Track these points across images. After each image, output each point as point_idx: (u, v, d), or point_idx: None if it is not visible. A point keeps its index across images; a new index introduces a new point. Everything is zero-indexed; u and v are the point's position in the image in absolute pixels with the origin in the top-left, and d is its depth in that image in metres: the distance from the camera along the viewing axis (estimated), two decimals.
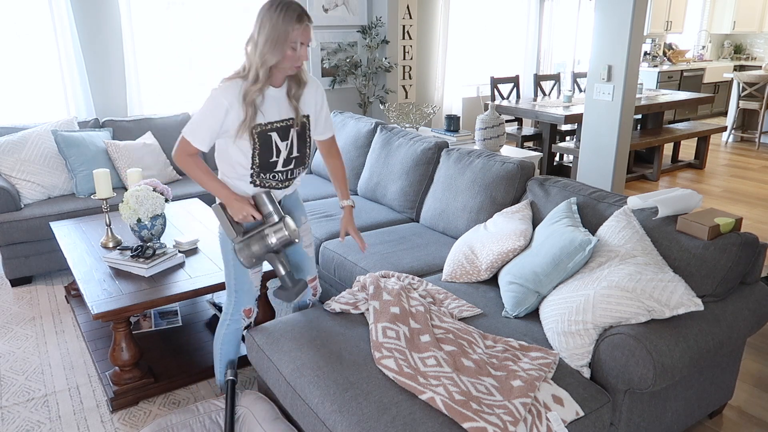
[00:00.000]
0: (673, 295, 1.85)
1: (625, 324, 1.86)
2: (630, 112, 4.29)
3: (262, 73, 1.91)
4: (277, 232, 1.97)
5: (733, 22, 9.09)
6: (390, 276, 2.42)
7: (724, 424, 2.33)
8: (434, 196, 3.19)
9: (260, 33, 1.87)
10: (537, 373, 1.77)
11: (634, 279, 1.90)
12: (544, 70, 7.73)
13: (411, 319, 2.06)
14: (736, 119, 7.56)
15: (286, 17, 1.84)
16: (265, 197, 2.00)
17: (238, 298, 2.19)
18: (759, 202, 5.15)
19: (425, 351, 1.91)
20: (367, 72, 5.68)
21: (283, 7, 1.85)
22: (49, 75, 4.35)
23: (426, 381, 1.76)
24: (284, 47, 1.87)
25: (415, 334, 1.99)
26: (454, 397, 1.67)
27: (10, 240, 3.46)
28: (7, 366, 2.75)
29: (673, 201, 2.16)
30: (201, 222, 3.25)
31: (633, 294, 1.87)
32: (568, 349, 1.90)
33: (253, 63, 1.91)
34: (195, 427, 2.08)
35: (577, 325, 1.90)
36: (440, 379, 1.76)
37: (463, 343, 1.96)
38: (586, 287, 1.98)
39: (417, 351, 1.92)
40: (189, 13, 4.82)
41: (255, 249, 1.98)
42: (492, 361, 1.89)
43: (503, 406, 1.65)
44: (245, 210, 1.99)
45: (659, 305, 1.85)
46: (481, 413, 1.61)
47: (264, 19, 1.87)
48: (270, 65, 1.90)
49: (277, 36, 1.85)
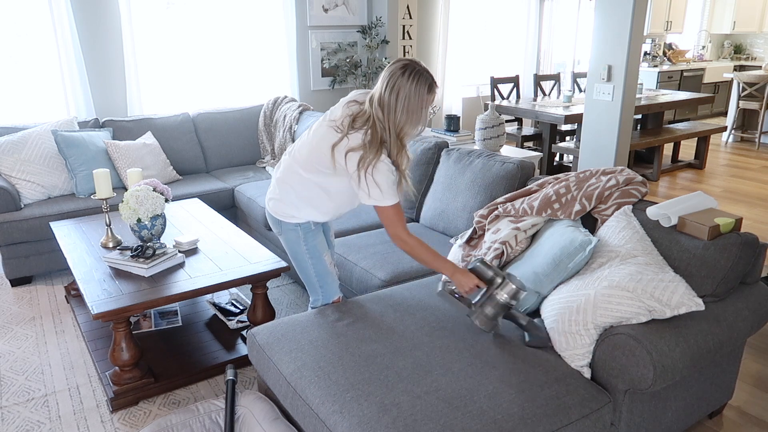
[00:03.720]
0: (674, 295, 1.85)
1: (626, 324, 1.86)
2: (630, 112, 4.29)
3: (403, 141, 1.98)
4: (505, 287, 2.01)
5: (733, 22, 9.09)
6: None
7: (724, 424, 2.33)
8: (434, 196, 3.19)
9: (396, 100, 1.90)
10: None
11: (635, 279, 1.90)
12: (544, 70, 7.73)
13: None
14: (736, 119, 7.56)
15: (420, 88, 1.89)
16: (482, 266, 2.05)
17: (326, 292, 2.29)
18: (759, 202, 5.15)
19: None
20: (367, 72, 5.68)
21: (415, 75, 1.89)
22: (49, 75, 4.35)
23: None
24: (420, 117, 1.93)
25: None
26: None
27: (10, 240, 3.46)
28: (7, 366, 2.75)
29: (691, 209, 2.15)
30: (201, 222, 3.25)
31: (634, 294, 1.87)
32: (569, 349, 1.90)
33: (389, 131, 1.94)
34: (195, 427, 2.08)
35: (577, 325, 1.89)
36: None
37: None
38: (587, 287, 1.98)
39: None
40: (189, 13, 4.82)
41: (490, 312, 2.02)
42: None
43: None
44: (472, 282, 2.03)
45: (660, 305, 1.85)
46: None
47: (399, 86, 1.90)
48: (404, 134, 1.95)
49: (414, 108, 1.91)
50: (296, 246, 2.23)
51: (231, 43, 5.07)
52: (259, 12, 5.15)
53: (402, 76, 1.89)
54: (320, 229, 2.27)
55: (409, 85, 1.89)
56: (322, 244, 2.27)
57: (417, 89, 1.89)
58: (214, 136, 4.57)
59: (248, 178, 4.28)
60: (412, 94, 1.89)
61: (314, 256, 2.25)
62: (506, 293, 2.01)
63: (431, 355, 1.92)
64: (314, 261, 2.24)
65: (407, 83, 1.89)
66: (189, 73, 4.94)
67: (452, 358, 1.90)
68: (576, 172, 2.48)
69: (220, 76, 5.09)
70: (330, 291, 2.31)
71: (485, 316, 2.02)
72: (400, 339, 2.01)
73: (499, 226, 2.43)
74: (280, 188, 2.20)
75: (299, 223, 2.21)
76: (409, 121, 1.93)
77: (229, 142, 4.61)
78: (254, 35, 5.17)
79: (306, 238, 2.22)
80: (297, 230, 2.22)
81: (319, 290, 2.30)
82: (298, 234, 2.22)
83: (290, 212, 2.19)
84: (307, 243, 2.23)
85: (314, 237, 2.24)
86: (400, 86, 1.89)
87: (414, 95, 1.89)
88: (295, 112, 4.67)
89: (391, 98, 1.91)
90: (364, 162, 1.97)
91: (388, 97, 1.92)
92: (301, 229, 2.21)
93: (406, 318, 2.15)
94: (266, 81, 5.32)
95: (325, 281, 2.29)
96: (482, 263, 2.06)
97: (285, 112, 4.73)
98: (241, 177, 4.31)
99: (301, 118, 4.66)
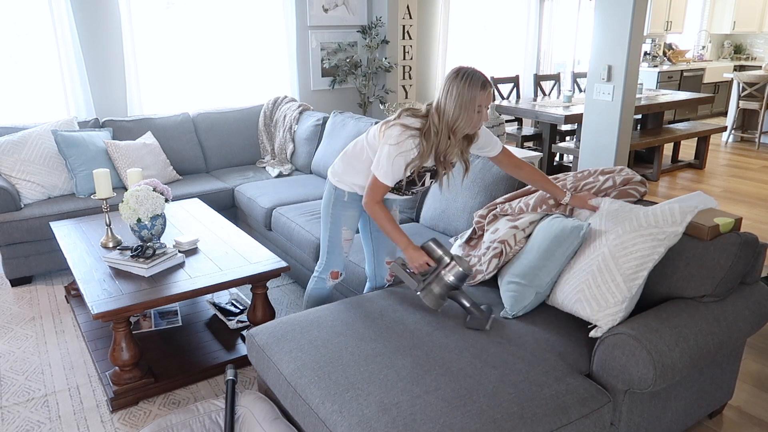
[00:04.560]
0: (673, 213, 1.96)
1: (651, 264, 1.92)
2: (630, 112, 4.29)
3: (455, 135, 2.10)
4: (452, 269, 2.12)
5: (733, 22, 9.09)
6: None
7: (724, 424, 2.33)
8: (434, 197, 3.19)
9: (448, 99, 2.04)
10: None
11: (634, 220, 2.01)
12: (544, 70, 7.73)
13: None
14: (736, 119, 7.56)
15: (473, 84, 2.01)
16: (433, 244, 2.17)
17: (329, 259, 2.48)
18: (759, 202, 5.15)
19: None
20: (367, 72, 5.68)
21: (468, 75, 2.02)
22: (49, 75, 4.35)
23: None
24: (470, 111, 2.03)
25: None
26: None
27: (10, 240, 3.46)
28: (7, 366, 2.75)
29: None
30: (201, 222, 3.25)
31: (641, 231, 1.96)
32: (600, 311, 1.94)
33: (441, 123, 2.07)
34: (195, 427, 2.08)
35: (606, 284, 1.95)
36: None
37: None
38: (597, 249, 2.05)
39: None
40: (189, 13, 4.82)
41: (437, 291, 2.13)
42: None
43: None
44: (422, 258, 2.17)
45: (668, 227, 1.93)
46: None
47: (451, 86, 2.03)
48: (457, 128, 2.06)
49: (466, 103, 2.02)
50: (327, 206, 2.42)
51: (231, 43, 5.07)
52: (259, 12, 5.15)
53: (456, 79, 2.03)
54: (355, 208, 2.41)
55: (461, 83, 2.02)
56: (348, 220, 2.42)
57: (470, 86, 2.01)
58: (214, 136, 4.57)
59: (248, 178, 4.28)
60: (465, 91, 2.01)
61: (334, 223, 2.41)
62: (453, 275, 2.11)
63: (431, 354, 1.92)
64: (332, 227, 2.42)
65: (460, 82, 2.02)
66: (189, 73, 4.94)
67: (452, 358, 1.90)
68: (575, 172, 2.49)
69: (220, 76, 5.09)
70: (332, 261, 2.48)
71: (432, 294, 2.13)
72: (400, 338, 2.01)
73: (498, 226, 2.44)
74: (340, 157, 2.42)
75: (336, 187, 2.38)
76: (462, 116, 2.04)
77: (229, 142, 4.62)
78: (254, 35, 5.17)
79: (335, 203, 2.39)
80: (332, 192, 2.40)
81: (325, 255, 2.48)
82: (331, 196, 2.40)
83: (337, 171, 2.39)
84: (334, 208, 2.40)
85: (343, 208, 2.39)
86: (454, 86, 2.03)
87: (466, 92, 2.01)
88: (295, 112, 4.67)
89: (447, 99, 2.04)
90: (390, 136, 2.11)
91: (444, 100, 2.05)
92: (335, 193, 2.39)
93: (406, 317, 2.15)
94: (266, 81, 5.32)
95: (333, 250, 2.46)
96: (434, 242, 2.17)
97: (285, 112, 4.73)
98: (241, 177, 4.31)
99: (301, 118, 4.66)
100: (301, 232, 3.24)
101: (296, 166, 4.58)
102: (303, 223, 3.29)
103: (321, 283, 2.53)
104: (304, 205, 3.57)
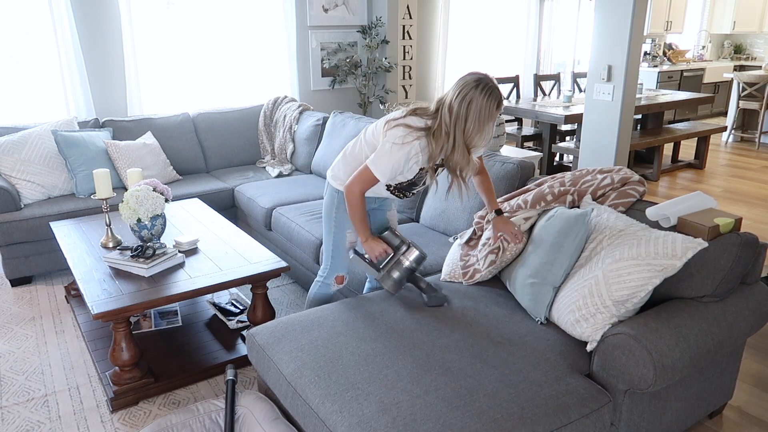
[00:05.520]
0: (675, 245, 1.88)
1: (643, 294, 1.88)
2: (630, 112, 4.29)
3: (469, 148, 2.07)
4: (409, 254, 2.24)
5: (733, 22, 9.09)
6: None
7: (724, 424, 2.33)
8: (434, 196, 3.19)
9: (468, 111, 1.99)
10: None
11: (634, 246, 1.95)
12: (544, 70, 7.73)
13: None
14: (736, 119, 7.56)
15: (491, 102, 1.98)
16: (390, 234, 2.30)
17: (334, 264, 2.47)
18: (759, 202, 5.15)
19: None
20: (367, 72, 5.68)
21: (488, 90, 1.98)
22: (49, 75, 4.35)
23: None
24: (485, 127, 2.03)
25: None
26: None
27: (10, 240, 3.46)
28: (7, 366, 2.75)
29: (690, 209, 2.15)
30: (201, 222, 3.25)
31: (639, 259, 1.90)
32: (589, 327, 1.93)
33: (453, 136, 2.04)
34: (195, 427, 2.08)
35: (594, 306, 1.93)
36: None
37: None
38: (592, 271, 2.01)
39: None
40: (189, 13, 4.82)
41: (396, 275, 2.24)
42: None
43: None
44: (381, 247, 2.25)
45: (667, 259, 1.87)
46: None
47: (471, 98, 1.97)
48: (472, 141, 2.05)
49: (484, 120, 2.00)
50: (329, 210, 2.41)
51: (231, 43, 5.07)
52: (259, 12, 5.15)
53: (475, 90, 1.98)
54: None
55: (482, 99, 1.97)
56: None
57: (488, 103, 1.98)
58: (214, 136, 4.57)
59: (248, 178, 4.28)
60: (484, 107, 1.98)
61: (338, 227, 2.41)
62: (410, 259, 2.24)
63: (431, 354, 1.92)
64: (336, 231, 2.41)
65: (480, 96, 1.97)
66: (189, 73, 4.94)
67: (452, 358, 1.90)
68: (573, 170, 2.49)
69: (220, 76, 5.09)
70: (337, 265, 2.47)
71: (392, 280, 2.24)
72: (400, 338, 2.01)
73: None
74: (340, 158, 2.40)
75: (338, 190, 2.36)
76: (479, 132, 2.03)
77: (229, 142, 4.62)
78: (254, 35, 5.17)
79: (339, 207, 2.38)
80: (334, 196, 2.38)
81: (329, 260, 2.47)
82: (333, 200, 2.39)
83: (338, 174, 2.36)
84: (338, 212, 2.39)
85: (345, 211, 2.36)
86: (473, 98, 1.98)
87: (485, 108, 1.98)
88: (295, 112, 4.67)
89: (462, 107, 1.99)
90: (394, 136, 2.08)
91: (458, 106, 2.00)
92: (338, 197, 2.37)
93: (406, 317, 2.15)
94: (266, 81, 5.32)
95: (337, 254, 2.45)
96: (390, 232, 2.29)
97: (285, 112, 4.73)
98: (241, 177, 4.31)
99: (301, 118, 4.66)
100: (301, 232, 3.24)
101: (296, 166, 4.58)
102: (303, 223, 3.29)
103: (325, 288, 2.52)
104: (304, 205, 3.57)
